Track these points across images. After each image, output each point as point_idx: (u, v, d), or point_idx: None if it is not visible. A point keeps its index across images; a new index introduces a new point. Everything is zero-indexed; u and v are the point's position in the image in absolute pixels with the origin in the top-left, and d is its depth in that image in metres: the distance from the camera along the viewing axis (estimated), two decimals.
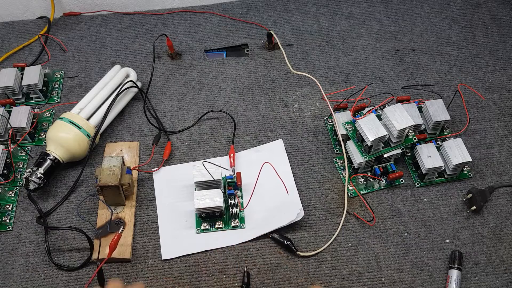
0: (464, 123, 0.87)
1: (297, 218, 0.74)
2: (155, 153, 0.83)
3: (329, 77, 0.94)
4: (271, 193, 0.78)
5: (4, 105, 0.87)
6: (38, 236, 0.75)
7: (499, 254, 0.73)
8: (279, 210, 0.75)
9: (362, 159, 0.77)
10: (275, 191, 0.78)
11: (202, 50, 0.99)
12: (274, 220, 0.74)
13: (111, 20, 1.05)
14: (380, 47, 0.99)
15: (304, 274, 0.72)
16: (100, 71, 0.95)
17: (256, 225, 0.75)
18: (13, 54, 0.99)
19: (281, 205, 0.76)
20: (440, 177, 0.80)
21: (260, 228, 0.74)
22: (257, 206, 0.76)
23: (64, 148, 0.78)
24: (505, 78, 0.94)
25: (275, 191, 0.78)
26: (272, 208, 0.76)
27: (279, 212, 0.75)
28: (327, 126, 0.87)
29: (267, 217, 0.75)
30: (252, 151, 0.83)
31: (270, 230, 0.74)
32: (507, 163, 0.82)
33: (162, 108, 0.90)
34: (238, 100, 0.91)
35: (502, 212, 0.77)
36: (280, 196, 0.77)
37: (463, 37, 1.00)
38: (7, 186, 0.80)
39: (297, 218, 0.73)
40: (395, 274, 0.71)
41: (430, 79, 0.94)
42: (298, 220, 0.74)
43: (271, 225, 0.74)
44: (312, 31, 1.02)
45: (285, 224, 0.73)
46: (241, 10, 1.06)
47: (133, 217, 0.76)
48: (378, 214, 0.77)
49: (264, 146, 0.84)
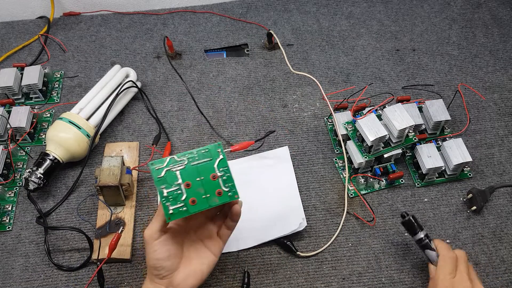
0: (465, 123, 0.86)
1: (300, 228, 0.73)
2: (155, 153, 0.83)
3: (329, 77, 0.94)
4: (274, 201, 0.77)
5: (4, 105, 0.87)
6: (38, 236, 0.75)
7: (499, 254, 0.73)
8: (281, 219, 0.74)
9: (362, 159, 0.77)
10: (278, 199, 0.77)
11: (202, 50, 0.99)
12: (276, 229, 0.73)
13: (111, 20, 1.05)
14: (380, 47, 0.99)
15: (304, 274, 0.71)
16: (100, 71, 0.95)
17: (257, 233, 0.74)
18: (13, 54, 0.99)
19: (283, 214, 0.75)
20: (441, 177, 0.80)
21: (261, 236, 0.73)
22: (259, 213, 0.75)
23: (64, 148, 0.78)
24: (506, 78, 0.94)
25: (278, 199, 0.77)
26: (274, 216, 0.75)
27: (281, 221, 0.74)
28: (327, 126, 0.87)
29: (269, 226, 0.74)
30: (256, 157, 0.82)
31: (271, 238, 0.73)
32: (508, 163, 0.82)
33: (162, 108, 0.90)
34: (238, 100, 0.91)
35: (502, 212, 0.77)
36: (283, 204, 0.77)
37: (463, 37, 1.00)
38: (7, 186, 0.80)
39: (299, 228, 0.73)
40: (395, 274, 0.71)
41: (430, 79, 0.94)
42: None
43: (272, 233, 0.73)
44: (312, 31, 1.02)
45: (286, 234, 0.73)
46: (241, 10, 1.06)
47: (133, 217, 0.76)
48: (378, 214, 0.77)
49: (269, 152, 0.83)
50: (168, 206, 0.56)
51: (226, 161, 0.58)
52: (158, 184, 0.56)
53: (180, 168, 0.57)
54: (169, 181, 0.56)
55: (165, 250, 0.57)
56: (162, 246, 0.57)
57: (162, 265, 0.57)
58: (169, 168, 0.56)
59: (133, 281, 0.71)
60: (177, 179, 0.56)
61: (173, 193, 0.56)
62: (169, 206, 0.56)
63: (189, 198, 0.56)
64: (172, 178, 0.56)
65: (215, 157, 0.57)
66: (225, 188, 0.57)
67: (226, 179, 0.57)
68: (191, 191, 0.56)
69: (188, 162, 0.57)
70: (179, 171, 0.57)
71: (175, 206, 0.56)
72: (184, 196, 0.56)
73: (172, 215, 0.56)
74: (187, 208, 0.56)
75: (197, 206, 0.56)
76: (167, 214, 0.56)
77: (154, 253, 0.57)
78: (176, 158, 0.57)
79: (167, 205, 0.56)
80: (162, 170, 0.56)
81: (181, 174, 0.56)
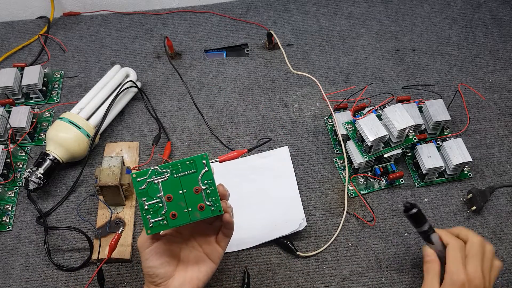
0: (465, 123, 0.86)
1: (300, 228, 0.73)
2: (155, 153, 0.83)
3: (329, 77, 0.94)
4: (274, 201, 0.77)
5: (4, 105, 0.87)
6: (38, 236, 0.75)
7: (499, 254, 0.73)
8: (281, 219, 0.74)
9: (362, 159, 0.77)
10: (278, 199, 0.77)
11: (202, 50, 0.99)
12: (276, 229, 0.73)
13: (111, 20, 1.05)
14: (380, 47, 0.99)
15: (304, 274, 0.71)
16: (100, 71, 0.95)
17: (257, 233, 0.74)
18: (13, 54, 0.99)
19: (283, 214, 0.75)
20: (441, 177, 0.80)
21: (261, 236, 0.73)
22: (259, 213, 0.75)
23: (64, 148, 0.78)
24: (506, 78, 0.94)
25: (278, 199, 0.77)
26: (274, 216, 0.75)
27: (281, 221, 0.74)
28: (327, 126, 0.87)
29: (269, 226, 0.74)
30: (256, 157, 0.82)
31: (271, 238, 0.73)
32: (508, 163, 0.82)
33: (162, 108, 0.90)
34: (238, 100, 0.91)
35: (502, 212, 0.77)
36: (283, 205, 0.77)
37: (463, 37, 1.00)
38: (7, 186, 0.80)
39: (299, 228, 0.73)
40: (396, 275, 0.71)
41: (430, 79, 0.94)
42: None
43: (272, 233, 0.73)
44: (312, 31, 1.02)
45: (286, 234, 0.73)
46: (241, 10, 1.06)
47: (133, 217, 0.76)
48: (378, 214, 0.77)
49: (269, 152, 0.83)
50: (148, 219, 0.55)
51: (211, 174, 0.56)
52: (139, 196, 0.55)
53: (163, 180, 0.55)
54: (151, 194, 0.55)
55: (157, 257, 0.57)
56: (154, 253, 0.57)
57: (155, 273, 0.57)
58: (151, 180, 0.55)
59: (133, 281, 0.71)
60: (158, 191, 0.55)
61: (154, 205, 0.55)
62: (149, 219, 0.55)
63: (170, 212, 0.55)
64: (154, 190, 0.55)
65: (200, 169, 0.55)
66: (208, 203, 0.55)
67: (210, 193, 0.55)
68: (172, 205, 0.55)
69: (171, 174, 0.55)
70: (161, 183, 0.55)
71: (155, 220, 0.55)
72: (165, 209, 0.55)
73: (152, 228, 0.55)
74: (167, 222, 0.55)
75: (177, 220, 0.55)
76: (147, 227, 0.55)
77: (146, 261, 0.57)
78: (159, 169, 0.55)
79: (147, 218, 0.55)
80: (144, 182, 0.55)
81: (163, 187, 0.55)
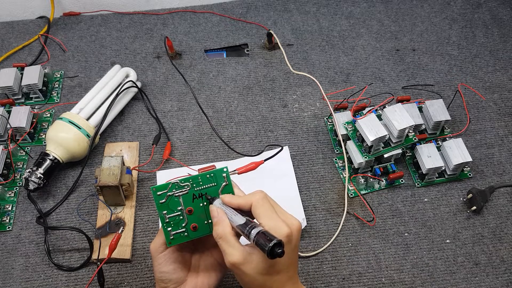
0: (464, 123, 0.86)
1: None
2: (155, 153, 0.83)
3: (329, 77, 0.94)
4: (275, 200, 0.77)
5: (4, 105, 0.87)
6: (38, 236, 0.75)
7: (499, 255, 0.73)
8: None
9: (362, 159, 0.77)
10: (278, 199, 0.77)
11: (202, 50, 0.99)
12: None
13: (111, 20, 1.05)
14: (380, 47, 0.99)
15: (304, 274, 0.71)
16: (100, 71, 0.95)
17: None
18: (13, 54, 0.99)
19: None
20: (440, 177, 0.80)
21: None
22: None
23: (64, 148, 0.78)
24: (506, 78, 0.94)
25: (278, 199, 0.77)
26: None
27: None
28: (327, 126, 0.87)
29: None
30: (256, 157, 0.82)
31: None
32: (508, 163, 0.82)
33: (162, 108, 0.90)
34: (238, 100, 0.91)
35: (502, 212, 0.77)
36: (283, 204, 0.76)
37: (463, 37, 1.00)
38: (7, 186, 0.80)
39: None
40: (395, 275, 0.71)
41: (430, 79, 0.94)
42: None
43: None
44: (312, 31, 1.02)
45: None
46: (241, 10, 1.06)
47: (133, 217, 0.76)
48: (378, 214, 0.77)
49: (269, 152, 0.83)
50: (169, 231, 0.56)
51: (231, 187, 0.56)
52: (160, 209, 0.55)
53: (183, 193, 0.55)
54: (171, 207, 0.55)
55: (170, 263, 0.57)
56: (167, 259, 0.57)
57: (168, 278, 0.57)
58: (172, 193, 0.55)
59: (133, 281, 0.71)
60: (179, 204, 0.55)
61: (175, 218, 0.56)
62: (170, 231, 0.56)
63: (191, 224, 0.56)
64: (174, 203, 0.55)
65: (220, 183, 0.56)
66: None
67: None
68: (193, 217, 0.56)
69: (191, 188, 0.55)
70: (182, 197, 0.55)
71: (176, 232, 0.56)
72: (186, 222, 0.56)
73: (173, 240, 0.56)
74: (188, 234, 0.56)
75: (198, 232, 0.56)
76: (168, 239, 0.56)
77: (159, 266, 0.57)
78: (180, 183, 0.55)
79: (168, 230, 0.56)
80: (165, 195, 0.55)
81: (183, 200, 0.55)
